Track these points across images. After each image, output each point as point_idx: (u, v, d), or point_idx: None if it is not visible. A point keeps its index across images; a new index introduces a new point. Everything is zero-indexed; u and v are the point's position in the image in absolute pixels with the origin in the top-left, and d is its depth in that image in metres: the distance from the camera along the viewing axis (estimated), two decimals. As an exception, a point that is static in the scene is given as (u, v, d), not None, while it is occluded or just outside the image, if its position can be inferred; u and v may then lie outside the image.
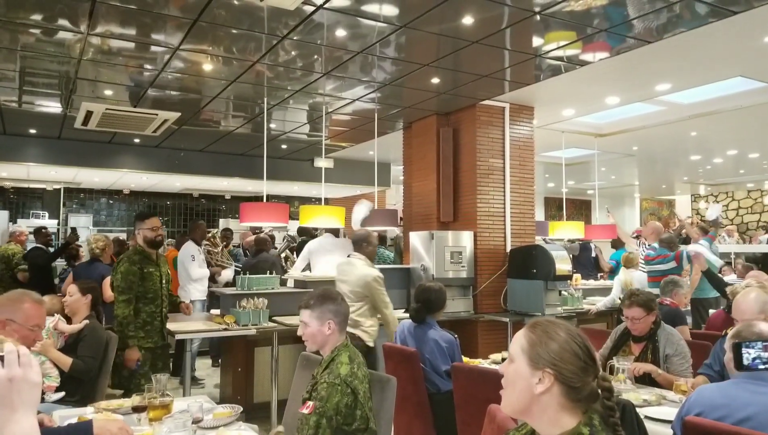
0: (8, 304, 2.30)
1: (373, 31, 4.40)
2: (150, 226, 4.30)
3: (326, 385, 2.34)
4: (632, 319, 3.44)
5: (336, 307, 2.55)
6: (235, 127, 7.66)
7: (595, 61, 5.07)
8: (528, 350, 1.39)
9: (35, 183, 11.35)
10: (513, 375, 1.40)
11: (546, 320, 1.45)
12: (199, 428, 2.41)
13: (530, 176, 6.63)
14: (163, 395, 2.57)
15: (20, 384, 1.07)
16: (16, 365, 1.08)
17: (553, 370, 1.35)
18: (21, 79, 5.65)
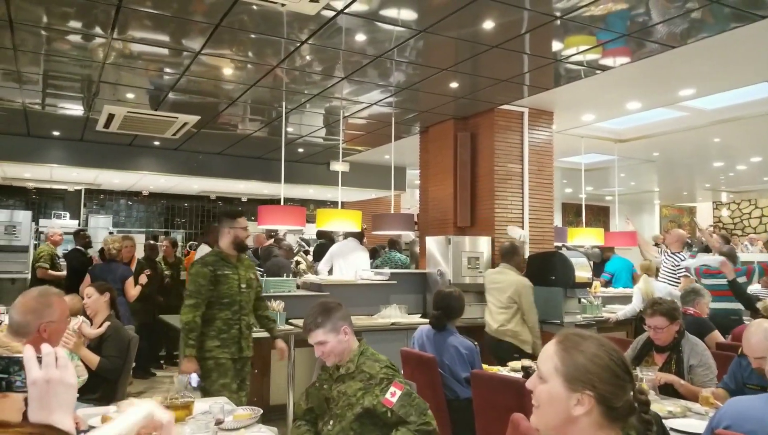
0: (39, 307, 2.31)
1: (392, 36, 4.41)
2: (243, 225, 3.90)
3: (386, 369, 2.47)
4: (655, 328, 3.36)
5: (342, 313, 2.59)
6: (252, 131, 7.71)
7: (616, 66, 5.03)
8: (563, 371, 1.30)
9: (57, 184, 11.52)
10: (547, 396, 1.32)
11: (576, 335, 1.37)
12: (220, 430, 2.42)
13: (549, 182, 6.58)
14: (184, 396, 2.59)
15: (57, 386, 1.08)
16: (53, 367, 1.09)
17: (593, 392, 1.27)
18: (44, 82, 5.74)
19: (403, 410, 2.38)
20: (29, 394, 1.08)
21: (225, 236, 3.86)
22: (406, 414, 2.38)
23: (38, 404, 1.07)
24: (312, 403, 2.66)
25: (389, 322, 5.57)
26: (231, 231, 3.85)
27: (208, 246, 6.89)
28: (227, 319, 3.75)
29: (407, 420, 2.37)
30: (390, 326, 5.50)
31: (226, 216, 3.95)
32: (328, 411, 2.56)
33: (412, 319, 5.79)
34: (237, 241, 3.86)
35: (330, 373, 2.62)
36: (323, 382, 2.64)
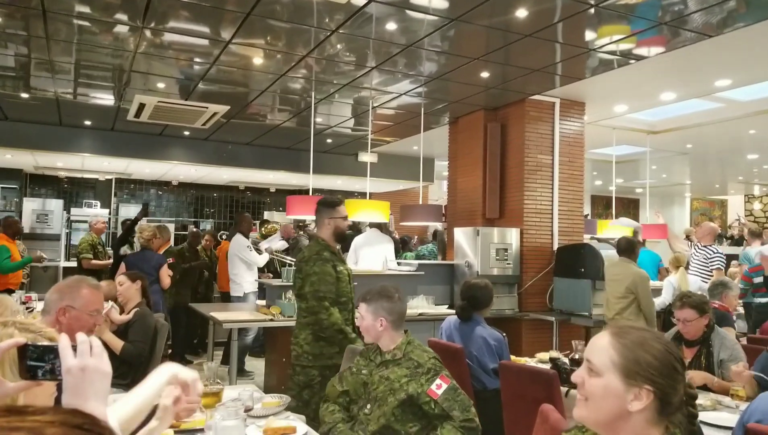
0: (67, 290, 2.35)
1: (422, 25, 4.36)
2: (343, 214, 3.65)
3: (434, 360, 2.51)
4: (684, 321, 3.31)
5: (390, 305, 2.62)
6: (281, 121, 7.74)
7: (651, 55, 4.91)
8: (622, 364, 1.25)
9: (88, 173, 11.73)
10: (601, 390, 1.26)
11: (630, 326, 1.33)
12: (249, 416, 2.44)
13: (579, 173, 6.48)
14: (214, 383, 2.62)
15: (92, 374, 1.09)
16: (88, 355, 1.09)
17: (652, 386, 1.23)
18: (76, 72, 5.83)
19: (447, 404, 2.39)
20: (64, 383, 1.09)
21: (325, 227, 3.59)
22: (449, 408, 2.38)
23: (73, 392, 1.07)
24: (347, 387, 2.67)
25: (417, 312, 5.56)
26: (331, 221, 3.59)
27: (242, 235, 6.95)
28: (345, 320, 3.48)
29: (450, 415, 2.37)
30: (417, 317, 5.50)
31: (325, 205, 3.68)
32: (365, 395, 2.57)
33: (439, 309, 5.78)
34: (338, 232, 3.62)
35: (371, 359, 2.65)
36: (361, 367, 2.66)
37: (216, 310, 5.60)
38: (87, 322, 2.40)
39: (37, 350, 1.13)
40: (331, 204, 3.64)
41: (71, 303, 2.31)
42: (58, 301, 2.30)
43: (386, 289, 2.69)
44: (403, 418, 2.44)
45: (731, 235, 12.82)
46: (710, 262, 6.29)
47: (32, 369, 1.12)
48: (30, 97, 6.81)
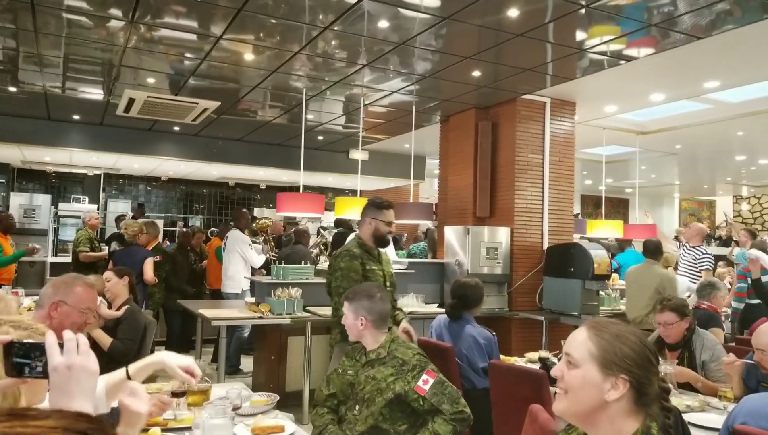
0: (62, 286, 2.35)
1: (415, 23, 4.36)
2: (388, 219, 3.57)
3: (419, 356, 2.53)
4: (664, 325, 3.34)
5: (370, 305, 2.63)
6: (272, 118, 7.70)
7: (641, 56, 4.94)
8: (599, 355, 1.31)
9: (77, 168, 11.63)
10: (579, 381, 1.31)
11: (608, 321, 1.39)
12: (237, 415, 2.43)
13: (570, 173, 6.51)
14: (202, 381, 2.60)
15: (79, 372, 1.08)
16: (75, 353, 1.09)
17: (628, 375, 1.29)
18: (65, 66, 5.77)
19: (435, 398, 2.39)
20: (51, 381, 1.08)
21: (366, 225, 3.54)
22: (438, 402, 2.39)
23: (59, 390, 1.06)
24: (334, 389, 2.67)
25: (406, 311, 5.55)
26: (372, 221, 3.53)
27: (239, 230, 6.92)
28: None
29: (440, 408, 2.38)
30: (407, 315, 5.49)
31: (372, 205, 3.61)
32: (353, 396, 2.57)
33: (429, 308, 5.78)
34: (377, 234, 3.54)
35: (356, 359, 2.65)
36: (347, 368, 2.66)
37: (205, 307, 5.58)
38: (78, 319, 2.39)
39: (23, 347, 1.12)
40: (379, 205, 3.57)
41: (64, 299, 2.30)
42: (52, 296, 2.31)
43: (369, 288, 2.72)
44: (391, 417, 2.45)
45: (719, 235, 12.95)
46: (699, 262, 6.33)
47: (18, 366, 1.11)
48: (18, 90, 6.74)
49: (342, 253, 3.44)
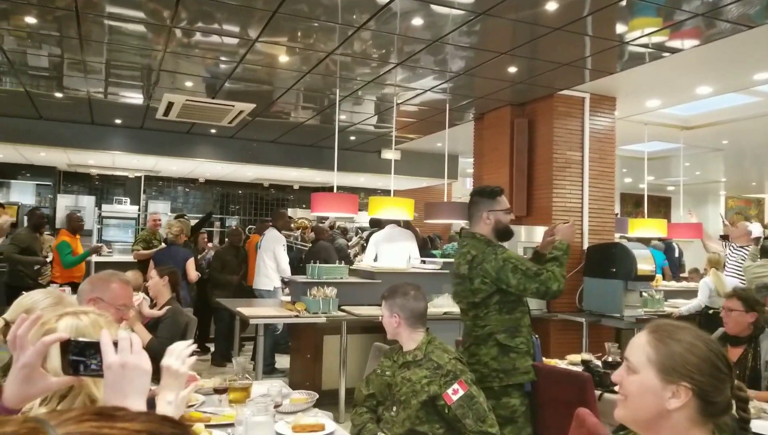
0: (99, 283, 2.40)
1: (448, 20, 4.31)
2: (505, 206, 3.06)
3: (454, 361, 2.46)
4: (726, 310, 3.29)
5: (403, 302, 2.60)
6: (305, 119, 7.75)
7: (685, 48, 4.77)
8: (657, 361, 1.23)
9: (118, 170, 11.93)
10: (638, 388, 1.25)
11: (670, 324, 1.29)
12: (277, 413, 2.44)
13: (610, 170, 6.35)
14: (243, 378, 2.62)
15: (132, 371, 1.09)
16: (128, 352, 1.10)
17: (690, 383, 1.20)
18: (107, 71, 5.91)
19: (460, 411, 2.34)
20: (104, 379, 1.09)
21: (482, 223, 3.00)
22: (462, 415, 2.33)
23: (113, 389, 1.08)
24: (373, 389, 2.65)
25: (441, 311, 5.51)
26: (491, 214, 2.99)
27: (276, 230, 6.97)
28: (528, 325, 3.03)
29: (463, 422, 2.32)
30: (442, 316, 5.44)
31: (483, 195, 3.06)
32: (390, 397, 2.55)
33: (465, 308, 5.70)
34: (500, 227, 3.02)
35: (394, 360, 2.63)
36: (385, 368, 2.64)
37: (242, 305, 5.63)
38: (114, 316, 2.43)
39: (79, 346, 1.14)
40: (491, 193, 3.04)
41: (101, 295, 2.34)
42: (89, 292, 2.35)
43: (403, 286, 2.68)
44: (428, 420, 2.41)
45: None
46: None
47: (74, 364, 1.13)
48: (63, 96, 6.94)
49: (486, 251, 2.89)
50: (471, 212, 3.08)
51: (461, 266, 2.94)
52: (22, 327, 1.23)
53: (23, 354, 1.20)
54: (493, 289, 2.86)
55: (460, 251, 3.00)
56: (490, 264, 2.84)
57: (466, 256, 2.93)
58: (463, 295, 2.95)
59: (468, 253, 2.94)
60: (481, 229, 3.02)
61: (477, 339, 2.90)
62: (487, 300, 2.87)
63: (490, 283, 2.84)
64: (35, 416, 0.53)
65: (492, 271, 2.83)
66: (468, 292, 2.90)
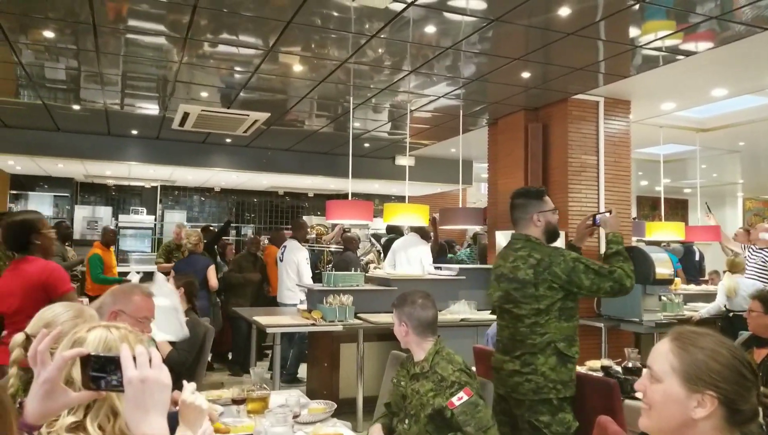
0: (121, 295, 2.42)
1: (461, 26, 4.32)
2: (551, 206, 2.96)
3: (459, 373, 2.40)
4: (749, 311, 3.42)
5: (411, 311, 2.56)
6: (319, 127, 7.79)
7: (699, 51, 4.74)
8: (681, 370, 1.21)
9: (135, 181, 12.06)
10: (662, 397, 1.23)
11: (692, 331, 1.27)
12: (296, 423, 2.44)
13: (626, 174, 6.30)
14: (260, 388, 2.63)
15: (152, 385, 1.09)
16: (147, 366, 1.10)
17: (715, 392, 1.18)
18: (123, 83, 5.99)
19: (462, 417, 2.29)
20: (125, 394, 1.10)
21: (532, 225, 2.87)
22: (464, 422, 2.29)
23: (134, 403, 1.08)
24: (390, 399, 2.65)
25: (458, 318, 5.50)
26: (541, 216, 2.87)
27: (297, 241, 6.91)
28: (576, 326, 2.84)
29: (464, 429, 2.29)
30: (459, 323, 5.43)
31: (528, 196, 2.95)
32: (404, 409, 2.53)
33: (482, 315, 5.69)
34: (551, 229, 2.91)
35: (408, 370, 2.60)
36: (401, 378, 2.62)
37: (259, 314, 5.66)
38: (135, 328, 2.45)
39: (99, 361, 1.14)
40: (538, 194, 2.94)
41: (123, 308, 2.36)
42: (111, 305, 2.37)
43: (412, 294, 2.62)
44: (437, 433, 2.37)
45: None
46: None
47: (95, 379, 1.14)
48: (80, 108, 7.04)
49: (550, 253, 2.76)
50: (517, 215, 2.94)
51: (521, 271, 2.76)
52: (42, 343, 1.24)
53: (44, 369, 1.21)
54: (558, 295, 2.71)
55: (517, 254, 2.81)
56: (559, 267, 2.69)
57: (528, 259, 2.76)
58: (524, 301, 2.75)
59: (530, 256, 2.77)
60: (532, 231, 2.88)
61: (533, 347, 2.72)
62: (550, 307, 2.72)
63: (557, 288, 2.70)
64: None
65: (562, 273, 2.68)
66: (531, 298, 2.73)
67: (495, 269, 2.94)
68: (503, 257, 2.91)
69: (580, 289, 2.71)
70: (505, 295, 2.82)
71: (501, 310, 2.89)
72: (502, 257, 2.92)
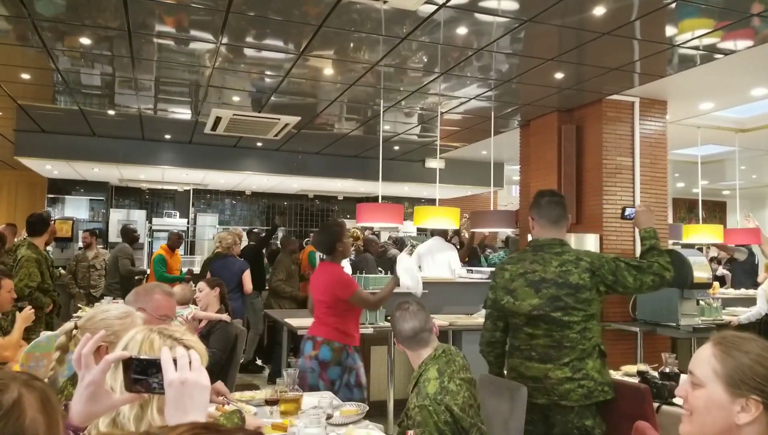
0: (143, 294, 2.47)
1: (492, 27, 4.28)
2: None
3: (418, 410, 2.28)
4: None
5: (393, 323, 2.52)
6: (349, 130, 7.81)
7: (738, 49, 4.61)
8: (724, 374, 1.20)
9: (168, 184, 12.26)
10: (705, 402, 1.21)
11: (736, 336, 1.25)
12: (329, 425, 2.44)
13: (662, 175, 6.16)
14: (293, 389, 2.64)
15: (192, 387, 1.10)
16: (187, 369, 1.11)
17: (760, 396, 1.15)
18: (157, 88, 6.10)
19: None
20: (166, 396, 1.11)
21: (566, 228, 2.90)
22: None
23: (174, 406, 1.09)
24: None
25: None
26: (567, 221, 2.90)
27: None
28: None
29: None
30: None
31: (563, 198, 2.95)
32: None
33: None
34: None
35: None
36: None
37: (289, 315, 5.68)
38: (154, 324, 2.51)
39: (141, 364, 1.16)
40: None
41: (144, 306, 2.40)
42: (134, 303, 2.42)
43: (399, 304, 2.54)
44: None
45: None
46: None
47: (137, 381, 1.15)
48: (115, 113, 7.20)
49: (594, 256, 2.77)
50: (560, 213, 2.83)
51: (571, 275, 2.66)
52: (87, 346, 1.26)
53: (88, 372, 1.23)
54: (601, 298, 2.71)
55: (562, 259, 2.71)
56: (605, 268, 2.67)
57: (579, 263, 2.69)
58: (576, 307, 2.65)
59: (580, 260, 2.70)
60: (563, 235, 2.83)
61: (583, 353, 2.65)
62: (597, 311, 2.72)
63: (604, 291, 2.68)
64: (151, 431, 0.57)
65: (609, 274, 2.66)
66: (584, 303, 2.65)
67: (527, 275, 2.75)
68: (540, 262, 2.75)
69: (626, 287, 2.68)
70: (551, 301, 2.67)
71: (534, 318, 2.71)
72: (539, 262, 2.75)
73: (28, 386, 0.94)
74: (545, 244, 2.78)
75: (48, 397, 0.96)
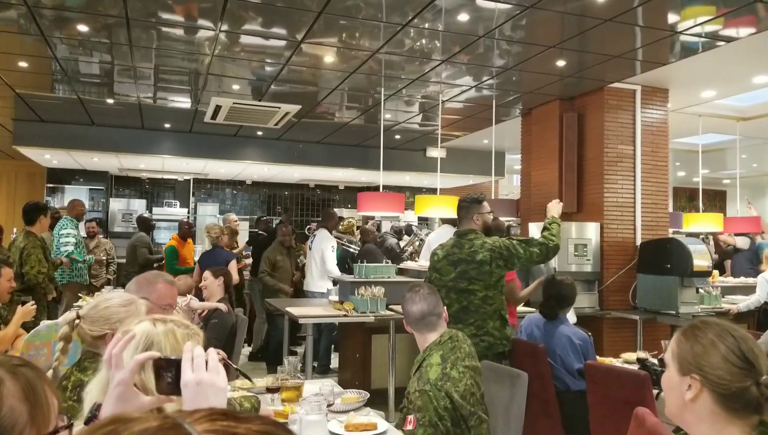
0: (145, 283, 2.46)
1: (494, 14, 4.25)
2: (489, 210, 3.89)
3: (418, 394, 2.29)
4: None
5: (403, 304, 2.54)
6: (350, 119, 7.79)
7: (741, 36, 4.58)
8: (677, 356, 1.32)
9: (168, 174, 12.25)
10: (667, 381, 1.35)
11: (701, 322, 1.35)
12: (330, 412, 2.45)
13: (664, 164, 6.14)
14: (294, 377, 2.64)
15: (207, 388, 1.09)
16: (203, 369, 1.10)
17: (699, 375, 1.25)
18: (156, 77, 6.07)
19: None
20: (183, 396, 1.10)
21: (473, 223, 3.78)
22: None
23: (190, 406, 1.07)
24: None
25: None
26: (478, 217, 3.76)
27: (327, 231, 6.86)
28: None
29: None
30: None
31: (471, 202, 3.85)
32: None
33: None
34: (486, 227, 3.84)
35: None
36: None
37: (291, 305, 5.70)
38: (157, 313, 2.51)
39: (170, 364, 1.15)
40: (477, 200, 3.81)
41: (146, 295, 2.40)
42: (135, 292, 2.41)
43: (410, 287, 2.59)
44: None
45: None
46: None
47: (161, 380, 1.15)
48: (114, 102, 7.17)
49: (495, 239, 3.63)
50: (461, 215, 3.81)
51: (478, 254, 3.52)
52: (117, 346, 1.25)
53: (117, 372, 1.22)
54: (503, 273, 3.55)
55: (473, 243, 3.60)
56: (501, 246, 3.51)
57: (483, 245, 3.56)
58: (480, 278, 3.51)
59: (485, 243, 3.57)
60: (473, 227, 3.72)
61: (485, 315, 3.51)
62: (497, 282, 3.55)
63: (503, 265, 3.50)
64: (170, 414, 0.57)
65: (504, 250, 3.49)
66: (485, 274, 3.50)
67: (449, 257, 3.64)
68: (458, 247, 3.64)
69: (519, 258, 3.52)
70: (462, 274, 3.54)
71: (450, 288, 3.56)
72: (457, 247, 3.65)
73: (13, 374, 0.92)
74: (463, 234, 3.71)
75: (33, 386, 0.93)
